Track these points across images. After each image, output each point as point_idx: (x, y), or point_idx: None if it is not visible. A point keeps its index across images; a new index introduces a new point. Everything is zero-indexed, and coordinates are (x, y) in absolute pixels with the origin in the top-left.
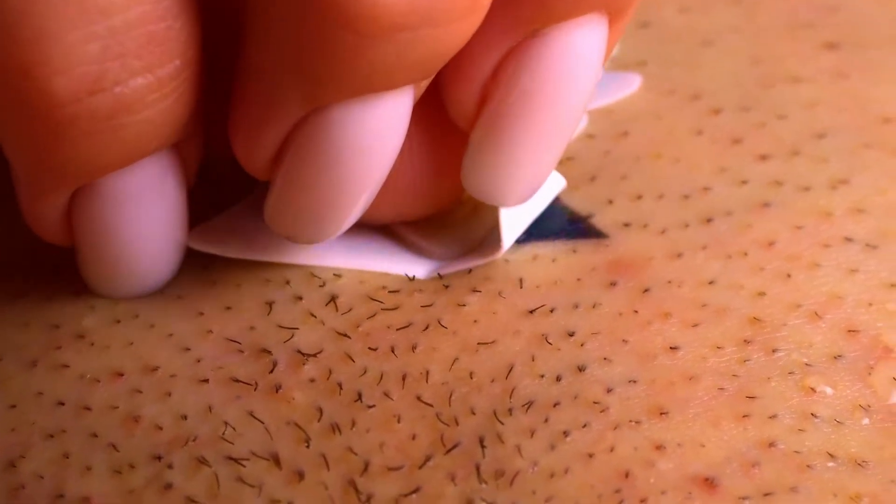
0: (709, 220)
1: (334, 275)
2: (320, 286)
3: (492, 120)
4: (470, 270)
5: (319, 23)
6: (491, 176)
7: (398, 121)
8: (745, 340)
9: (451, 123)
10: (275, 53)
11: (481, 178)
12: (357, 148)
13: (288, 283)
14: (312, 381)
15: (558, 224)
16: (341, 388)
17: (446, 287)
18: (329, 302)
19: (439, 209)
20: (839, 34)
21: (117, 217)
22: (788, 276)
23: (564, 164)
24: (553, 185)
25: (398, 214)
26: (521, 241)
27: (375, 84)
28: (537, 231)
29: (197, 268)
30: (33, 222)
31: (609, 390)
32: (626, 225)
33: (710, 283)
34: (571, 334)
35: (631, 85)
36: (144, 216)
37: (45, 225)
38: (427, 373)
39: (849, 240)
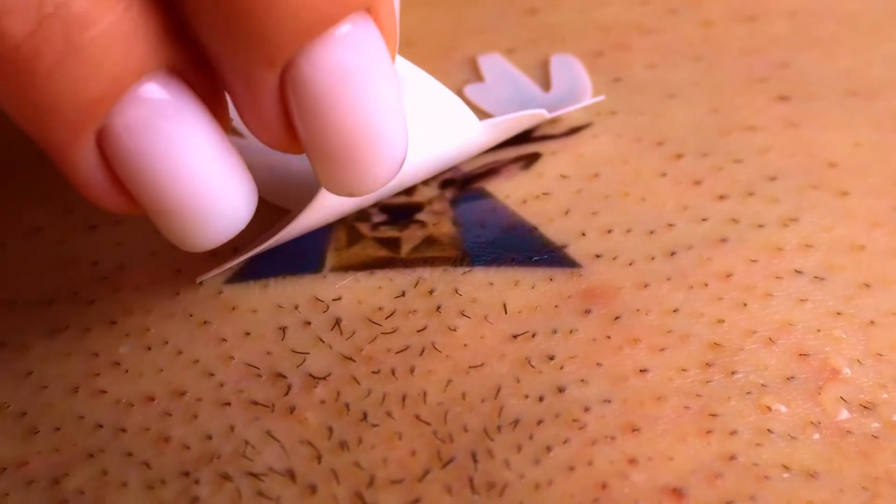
0: (672, 254)
1: (334, 300)
2: (324, 311)
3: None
4: (459, 293)
5: None
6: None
7: (372, 50)
8: (706, 363)
9: None
10: (217, 35)
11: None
12: (344, 89)
13: (297, 307)
14: (323, 402)
15: (531, 246)
16: (349, 409)
17: (438, 309)
18: (334, 326)
19: None
20: (790, 88)
21: (146, 151)
22: (745, 305)
23: (540, 199)
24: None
25: None
26: (502, 263)
27: (316, 21)
28: (513, 252)
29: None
30: (84, 189)
31: (586, 409)
32: (598, 256)
33: (675, 311)
34: (551, 358)
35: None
36: (174, 146)
37: (95, 186)
38: (424, 393)
39: (798, 272)
